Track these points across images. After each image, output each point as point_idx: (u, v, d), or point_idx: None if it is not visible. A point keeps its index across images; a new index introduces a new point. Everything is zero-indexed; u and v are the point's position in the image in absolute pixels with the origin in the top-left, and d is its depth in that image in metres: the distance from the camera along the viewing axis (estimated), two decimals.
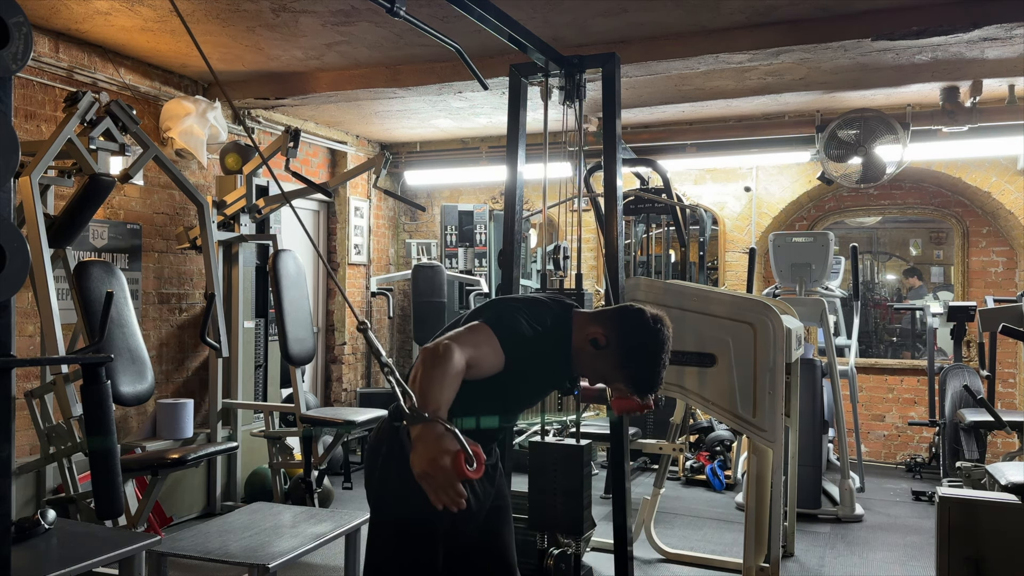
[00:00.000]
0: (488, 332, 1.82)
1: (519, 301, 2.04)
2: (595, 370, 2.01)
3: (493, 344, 1.80)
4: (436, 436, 1.49)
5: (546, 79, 3.16)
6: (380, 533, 1.98)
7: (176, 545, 2.85)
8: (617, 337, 1.95)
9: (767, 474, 3.48)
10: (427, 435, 1.50)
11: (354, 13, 3.98)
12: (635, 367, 1.95)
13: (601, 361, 1.97)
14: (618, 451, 3.05)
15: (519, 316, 1.91)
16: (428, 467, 1.47)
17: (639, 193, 5.54)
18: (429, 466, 1.47)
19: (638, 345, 1.94)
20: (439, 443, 1.48)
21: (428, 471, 1.48)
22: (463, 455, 1.47)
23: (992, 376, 5.84)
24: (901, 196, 6.71)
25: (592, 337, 1.96)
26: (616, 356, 1.95)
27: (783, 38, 4.13)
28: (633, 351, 1.94)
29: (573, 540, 2.81)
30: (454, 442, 1.49)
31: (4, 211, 1.28)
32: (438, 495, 1.48)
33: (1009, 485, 2.89)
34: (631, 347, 1.94)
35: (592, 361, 1.98)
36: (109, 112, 3.77)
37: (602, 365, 1.97)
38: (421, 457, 1.49)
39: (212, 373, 4.98)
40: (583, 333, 1.97)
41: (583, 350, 1.97)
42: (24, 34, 1.29)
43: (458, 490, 1.47)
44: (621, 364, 1.95)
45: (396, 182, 7.42)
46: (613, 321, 1.98)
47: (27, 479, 3.79)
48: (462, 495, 1.48)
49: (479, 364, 1.75)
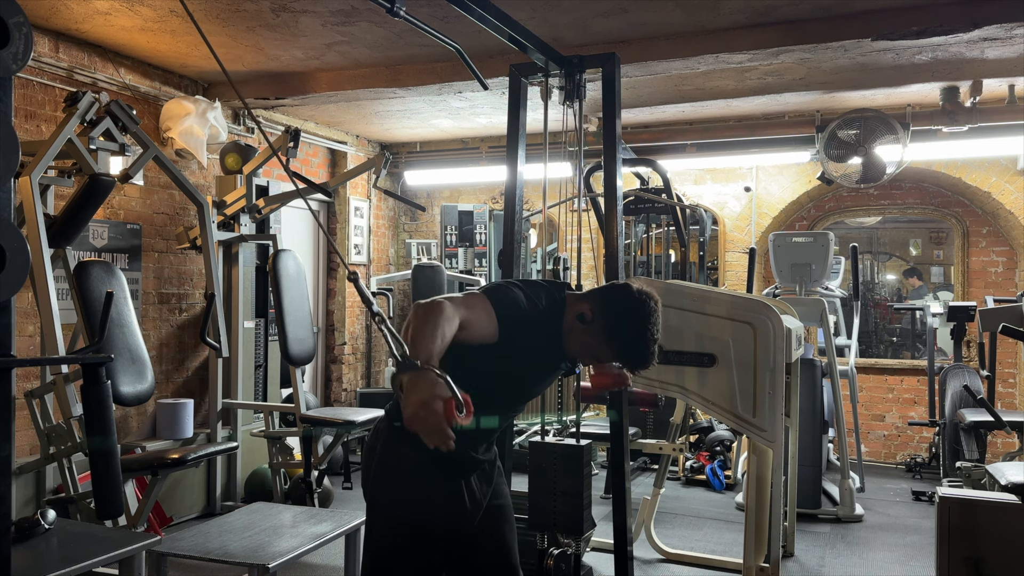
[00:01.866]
0: (482, 297, 1.86)
1: (515, 280, 2.08)
2: (585, 346, 2.01)
3: (487, 308, 1.84)
4: (428, 382, 1.54)
5: (546, 79, 3.16)
6: (377, 532, 1.98)
7: (176, 545, 2.85)
8: (603, 310, 1.96)
9: (767, 474, 3.48)
10: (420, 381, 1.55)
11: (354, 13, 3.98)
12: (621, 338, 1.96)
13: (589, 336, 1.97)
14: (618, 451, 3.05)
15: (514, 289, 1.94)
16: (420, 409, 1.52)
17: (639, 193, 5.55)
18: (421, 408, 1.52)
19: (623, 315, 1.95)
20: (431, 388, 1.53)
21: (420, 414, 1.52)
22: (454, 401, 1.53)
23: (992, 376, 5.84)
24: (901, 196, 6.71)
25: (579, 313, 1.97)
26: (603, 329, 1.96)
27: (783, 38, 4.13)
28: (618, 322, 1.95)
29: (573, 540, 2.81)
30: (445, 389, 1.54)
31: (4, 211, 1.28)
32: (429, 437, 1.54)
33: (1009, 485, 2.89)
34: (617, 319, 1.95)
35: (581, 337, 1.98)
36: (109, 112, 3.77)
37: (591, 340, 1.98)
38: (413, 401, 1.53)
39: (212, 373, 4.98)
40: (572, 311, 1.99)
41: (573, 328, 1.98)
42: (24, 34, 1.29)
43: (447, 433, 1.52)
44: (608, 337, 1.96)
45: (396, 182, 7.42)
46: (599, 296, 2.00)
47: (27, 479, 3.80)
48: (451, 437, 1.53)
49: (472, 325, 1.78)
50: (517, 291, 1.94)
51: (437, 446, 1.54)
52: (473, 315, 1.79)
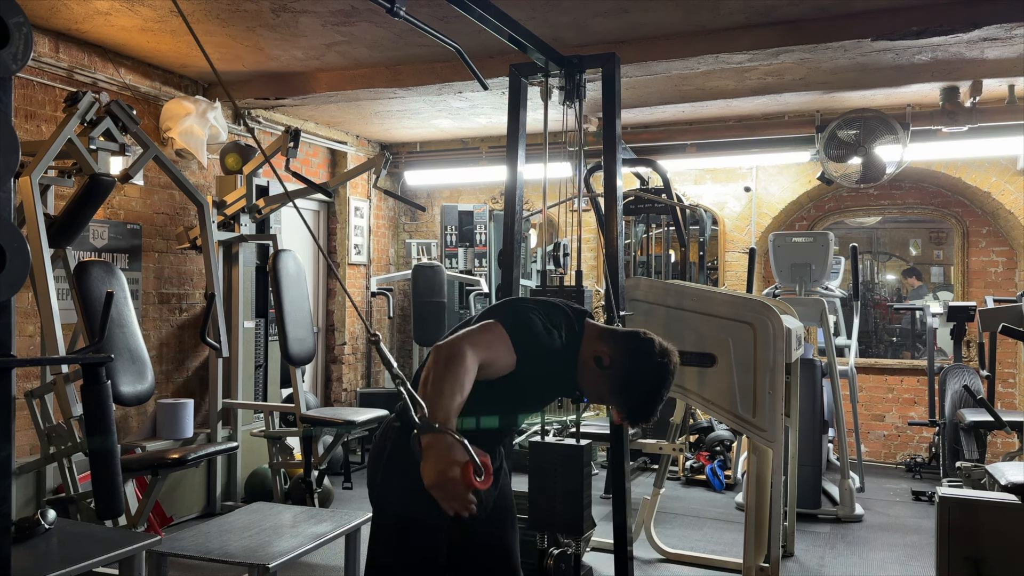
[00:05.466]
0: (501, 331, 1.83)
1: (533, 302, 2.04)
2: (594, 387, 1.99)
3: (506, 343, 1.81)
4: (446, 447, 1.54)
5: (546, 79, 3.16)
6: (382, 532, 1.98)
7: (176, 545, 2.85)
8: (622, 362, 1.93)
9: (767, 474, 3.48)
10: (437, 446, 1.54)
11: (354, 13, 3.98)
12: (632, 397, 1.94)
13: (602, 381, 1.95)
14: (618, 451, 3.05)
15: (533, 316, 1.90)
16: (439, 479, 1.53)
17: (639, 193, 5.54)
18: (439, 477, 1.53)
19: (640, 375, 1.92)
20: (449, 454, 1.53)
21: (439, 482, 1.53)
22: (472, 466, 1.52)
23: (992, 376, 5.84)
24: (901, 196, 6.71)
25: (597, 355, 1.94)
26: (616, 381, 1.93)
27: (783, 38, 4.13)
28: (634, 380, 1.92)
29: (573, 540, 2.81)
30: (463, 453, 1.53)
31: (4, 211, 1.28)
32: (449, 504, 1.55)
33: (1009, 485, 2.89)
34: (633, 376, 1.92)
35: (593, 378, 1.96)
36: (109, 112, 3.77)
37: (602, 386, 1.96)
38: (432, 468, 1.54)
39: (212, 373, 4.98)
40: (590, 347, 1.95)
41: (587, 366, 1.96)
42: (24, 34, 1.29)
43: (468, 499, 1.53)
44: (620, 390, 1.94)
45: (396, 182, 7.42)
46: (620, 345, 1.95)
47: (27, 479, 3.79)
48: (472, 502, 1.54)
49: (492, 364, 1.76)
50: (535, 318, 1.89)
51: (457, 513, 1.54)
52: (493, 353, 1.77)
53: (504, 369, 1.81)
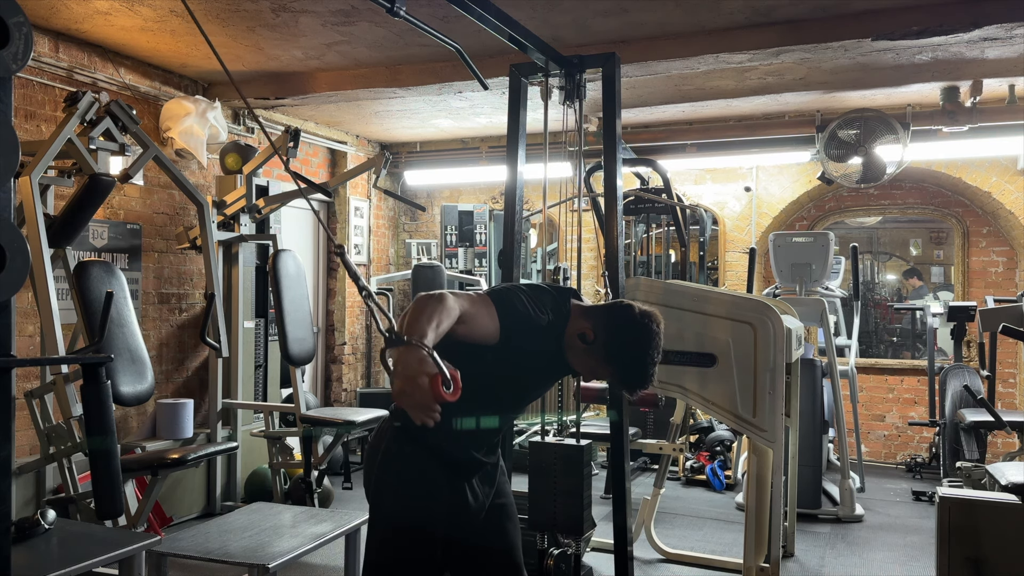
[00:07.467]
0: (485, 298, 1.87)
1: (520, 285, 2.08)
2: (584, 364, 2.02)
3: (489, 308, 1.84)
4: (416, 358, 1.55)
5: (546, 79, 3.15)
6: (379, 532, 1.98)
7: (176, 545, 2.84)
8: (604, 333, 1.95)
9: (767, 474, 3.48)
10: (407, 357, 1.56)
11: (354, 13, 3.98)
12: (621, 364, 1.96)
13: (590, 356, 1.98)
14: (618, 451, 3.05)
15: (518, 294, 1.94)
16: (406, 385, 1.54)
17: (639, 193, 5.54)
18: (407, 384, 1.54)
19: (624, 342, 1.95)
20: (420, 365, 1.54)
21: (406, 389, 1.54)
22: (440, 377, 1.54)
23: (992, 376, 5.84)
24: (901, 196, 6.71)
25: (581, 332, 1.97)
26: (603, 351, 1.95)
27: (783, 38, 4.13)
28: (619, 348, 1.95)
29: (573, 540, 2.80)
30: (432, 365, 1.54)
31: (4, 211, 1.28)
32: (414, 412, 1.55)
33: (1009, 485, 2.89)
34: (618, 344, 1.95)
35: (582, 355, 1.99)
36: (109, 112, 3.77)
37: (591, 360, 1.98)
38: (400, 376, 1.55)
39: (212, 373, 4.98)
40: (575, 326, 1.98)
41: (573, 344, 1.98)
42: (24, 34, 1.29)
43: (434, 407, 1.54)
44: (608, 359, 1.96)
45: (396, 182, 7.42)
46: (601, 317, 1.99)
47: (27, 479, 3.79)
48: (436, 411, 1.55)
49: (471, 320, 1.78)
50: (521, 296, 1.93)
51: (423, 422, 1.55)
52: (474, 310, 1.79)
53: (485, 335, 1.82)
